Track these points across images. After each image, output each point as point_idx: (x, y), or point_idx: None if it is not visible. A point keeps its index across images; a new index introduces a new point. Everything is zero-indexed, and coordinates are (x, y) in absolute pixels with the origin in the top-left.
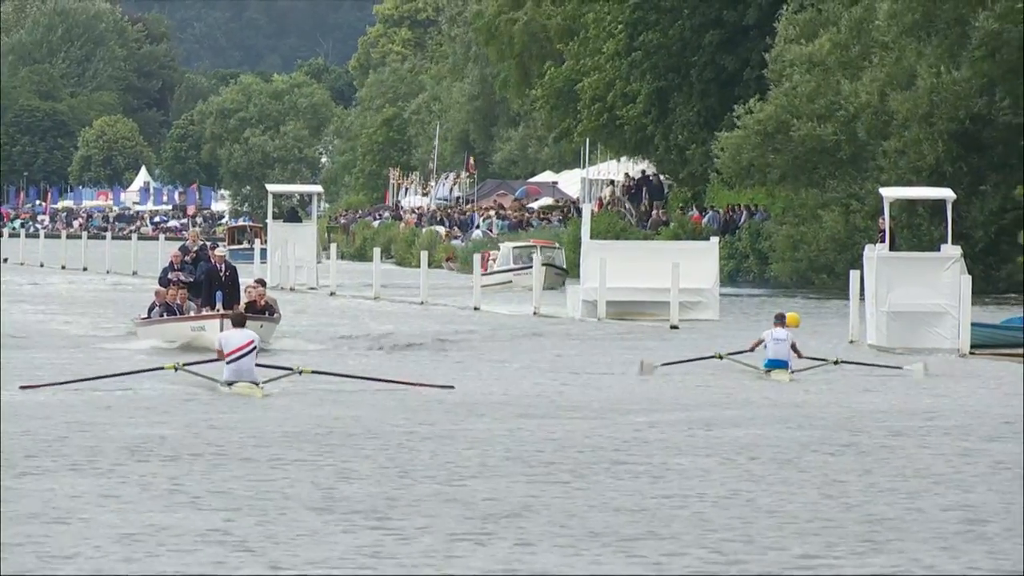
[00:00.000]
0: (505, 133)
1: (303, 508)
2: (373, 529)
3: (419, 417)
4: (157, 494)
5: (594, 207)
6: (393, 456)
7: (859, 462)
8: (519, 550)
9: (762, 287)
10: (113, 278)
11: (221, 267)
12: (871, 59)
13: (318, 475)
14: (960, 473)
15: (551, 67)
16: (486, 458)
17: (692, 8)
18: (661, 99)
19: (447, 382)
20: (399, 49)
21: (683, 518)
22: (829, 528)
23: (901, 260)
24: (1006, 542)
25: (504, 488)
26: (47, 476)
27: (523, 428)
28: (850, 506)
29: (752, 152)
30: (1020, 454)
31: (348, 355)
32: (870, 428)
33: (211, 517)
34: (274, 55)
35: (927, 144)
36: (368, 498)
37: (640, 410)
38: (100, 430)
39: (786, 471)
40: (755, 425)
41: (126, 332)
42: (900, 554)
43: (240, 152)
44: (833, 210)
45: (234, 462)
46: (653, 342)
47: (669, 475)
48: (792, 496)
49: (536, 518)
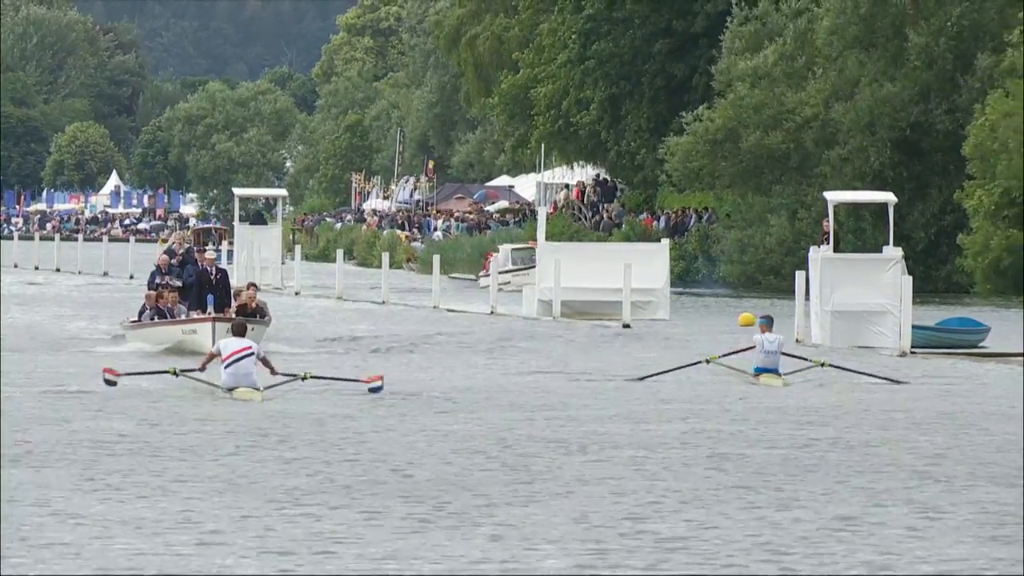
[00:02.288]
0: (463, 136)
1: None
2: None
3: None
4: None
5: (549, 210)
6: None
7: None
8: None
9: (711, 287)
10: (85, 278)
11: (211, 270)
12: (815, 71)
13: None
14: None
15: (508, 75)
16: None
17: (643, 18)
18: (613, 106)
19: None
20: (361, 57)
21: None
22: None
23: (844, 261)
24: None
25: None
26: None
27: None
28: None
29: (702, 160)
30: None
31: (345, 359)
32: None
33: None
34: (240, 63)
35: (871, 151)
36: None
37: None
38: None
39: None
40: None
41: (113, 335)
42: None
43: (207, 157)
44: (780, 215)
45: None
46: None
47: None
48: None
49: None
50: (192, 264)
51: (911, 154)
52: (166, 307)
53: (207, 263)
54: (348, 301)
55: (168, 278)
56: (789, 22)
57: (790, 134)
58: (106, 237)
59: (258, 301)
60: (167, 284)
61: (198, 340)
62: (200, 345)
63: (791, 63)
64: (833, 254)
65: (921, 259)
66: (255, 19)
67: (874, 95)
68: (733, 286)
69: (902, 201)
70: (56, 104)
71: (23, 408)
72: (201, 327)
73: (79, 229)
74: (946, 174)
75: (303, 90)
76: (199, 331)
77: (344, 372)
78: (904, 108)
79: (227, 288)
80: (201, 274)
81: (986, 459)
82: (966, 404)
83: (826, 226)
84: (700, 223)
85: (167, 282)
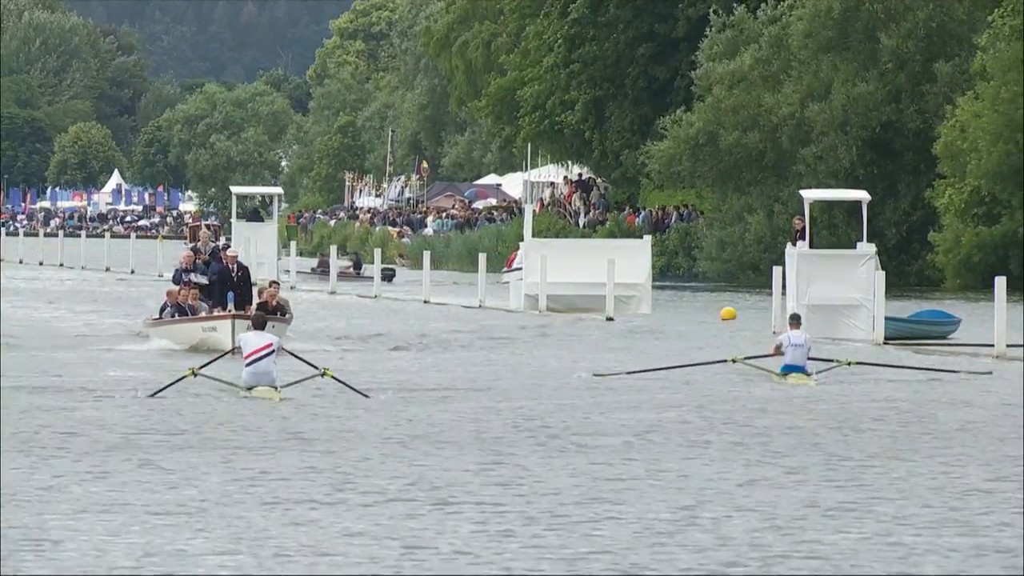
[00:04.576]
0: (452, 138)
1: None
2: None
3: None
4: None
5: (535, 207)
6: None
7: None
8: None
9: (691, 282)
10: (88, 273)
11: (233, 267)
12: (790, 73)
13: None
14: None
15: (495, 78)
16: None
17: (626, 23)
18: (597, 107)
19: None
20: (353, 60)
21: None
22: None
23: (820, 257)
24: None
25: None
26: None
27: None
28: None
29: (684, 163)
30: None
31: (373, 356)
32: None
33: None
34: (237, 66)
35: (842, 149)
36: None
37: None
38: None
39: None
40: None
41: (138, 333)
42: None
43: (206, 156)
44: (758, 212)
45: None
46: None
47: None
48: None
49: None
50: (216, 262)
51: (883, 153)
52: (187, 304)
53: (229, 261)
54: (341, 295)
55: (194, 275)
56: (765, 28)
57: (767, 134)
58: (108, 234)
59: (279, 299)
60: (190, 281)
61: (218, 338)
62: (220, 343)
63: (767, 66)
64: (809, 250)
65: (893, 255)
66: (251, 24)
67: (847, 95)
68: (713, 281)
69: (875, 199)
70: (60, 105)
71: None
72: (221, 324)
73: (82, 226)
74: (917, 173)
75: (298, 92)
76: (219, 328)
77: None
78: (876, 108)
79: (248, 285)
80: (223, 271)
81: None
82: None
83: (798, 223)
84: (681, 220)
85: (192, 279)
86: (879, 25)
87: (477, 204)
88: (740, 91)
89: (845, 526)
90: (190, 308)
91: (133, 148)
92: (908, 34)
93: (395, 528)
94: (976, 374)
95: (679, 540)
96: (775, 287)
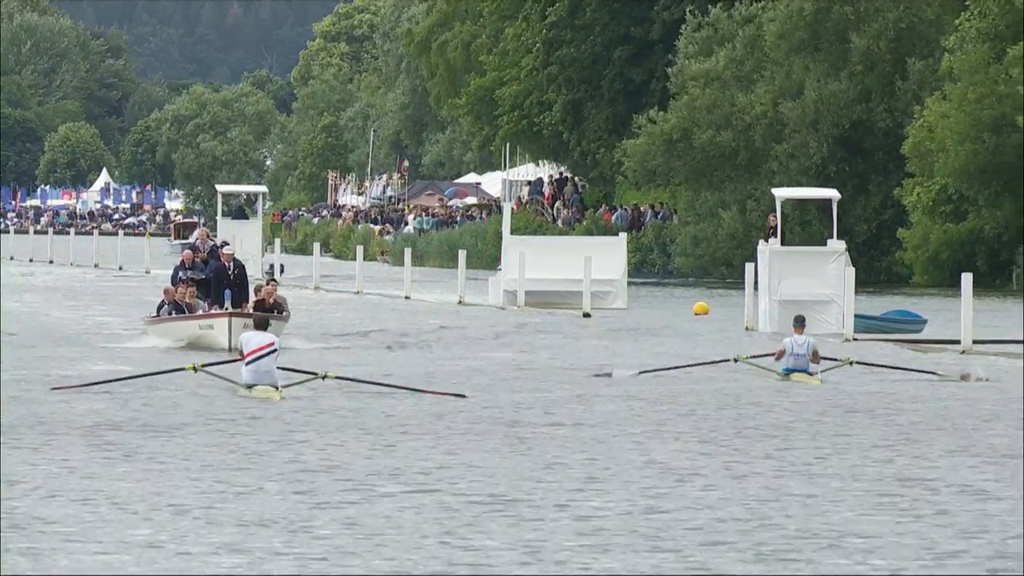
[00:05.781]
0: (433, 137)
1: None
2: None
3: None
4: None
5: (514, 206)
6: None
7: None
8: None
9: (666, 278)
10: (77, 270)
11: (230, 265)
12: (763, 73)
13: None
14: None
15: (474, 79)
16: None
17: (603, 25)
18: (575, 108)
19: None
20: (337, 62)
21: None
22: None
23: (791, 254)
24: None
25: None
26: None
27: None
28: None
29: (657, 159)
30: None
31: (363, 355)
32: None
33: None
34: (223, 67)
35: (813, 147)
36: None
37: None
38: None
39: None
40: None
41: (136, 331)
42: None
43: (192, 156)
44: (731, 209)
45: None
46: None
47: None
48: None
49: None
50: (215, 260)
51: (853, 151)
52: (184, 301)
53: (225, 259)
54: (325, 291)
55: (192, 273)
56: (739, 28)
57: (740, 132)
58: (96, 231)
59: (276, 296)
60: (187, 279)
61: (214, 336)
62: (216, 341)
63: (741, 66)
64: (781, 247)
65: (863, 251)
66: (237, 26)
67: (819, 94)
68: (687, 277)
69: (845, 196)
70: (50, 106)
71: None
72: (218, 322)
73: (71, 224)
74: (886, 171)
75: (282, 93)
76: (215, 326)
77: (366, 372)
78: (847, 107)
79: (245, 283)
80: (219, 269)
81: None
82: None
83: (772, 221)
84: (656, 218)
85: (190, 277)
86: (850, 26)
87: (453, 202)
88: (714, 90)
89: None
90: (187, 306)
91: (121, 147)
92: (878, 35)
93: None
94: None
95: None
96: (748, 283)
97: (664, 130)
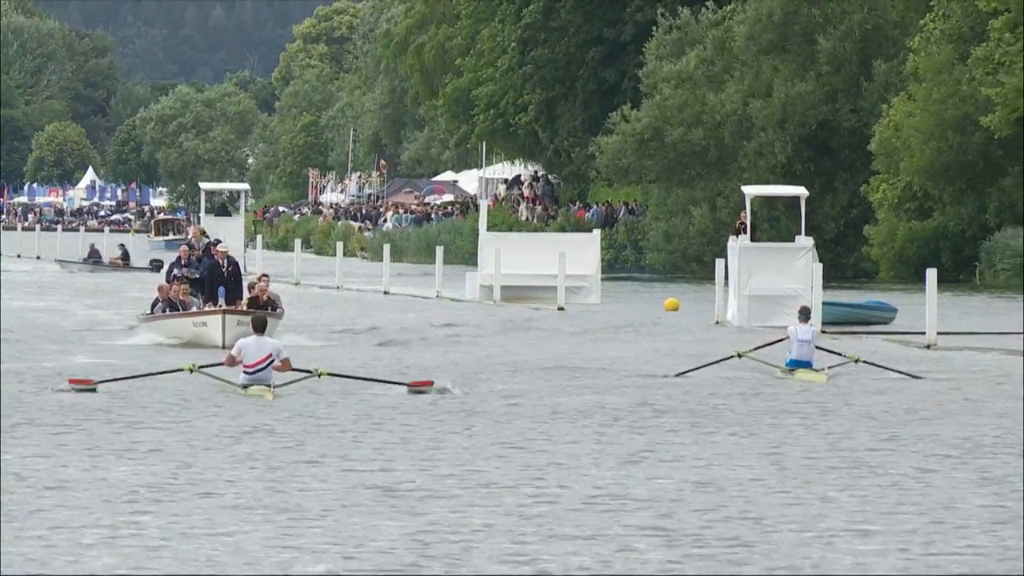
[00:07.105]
0: (411, 135)
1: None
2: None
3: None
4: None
5: (490, 203)
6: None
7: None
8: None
9: (638, 274)
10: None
11: (223, 262)
12: (733, 73)
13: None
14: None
15: (452, 79)
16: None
17: (577, 27)
18: (549, 107)
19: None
20: (316, 63)
21: None
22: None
23: (760, 250)
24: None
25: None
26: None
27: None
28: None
29: (630, 157)
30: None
31: (356, 352)
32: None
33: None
34: (206, 67)
35: (779, 145)
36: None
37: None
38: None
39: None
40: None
41: (130, 327)
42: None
43: (176, 154)
44: (701, 206)
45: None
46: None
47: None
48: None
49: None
50: (209, 257)
51: (820, 150)
52: (177, 299)
53: (219, 256)
54: (306, 286)
55: (187, 270)
56: (709, 30)
57: (710, 131)
58: (83, 228)
59: (270, 293)
60: (182, 276)
61: (208, 333)
62: (210, 338)
63: (711, 67)
64: (750, 243)
65: (831, 248)
66: (219, 27)
67: (787, 94)
68: (659, 272)
69: (812, 194)
70: (36, 105)
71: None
72: (211, 320)
73: (58, 220)
74: (852, 169)
75: (264, 93)
76: (209, 324)
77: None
78: (814, 107)
79: (239, 280)
80: (213, 266)
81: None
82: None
83: (743, 217)
84: (630, 214)
85: (184, 274)
86: (817, 28)
87: (431, 199)
88: (685, 90)
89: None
90: (181, 304)
91: (107, 146)
92: (844, 37)
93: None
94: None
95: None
96: (718, 278)
97: (636, 128)
